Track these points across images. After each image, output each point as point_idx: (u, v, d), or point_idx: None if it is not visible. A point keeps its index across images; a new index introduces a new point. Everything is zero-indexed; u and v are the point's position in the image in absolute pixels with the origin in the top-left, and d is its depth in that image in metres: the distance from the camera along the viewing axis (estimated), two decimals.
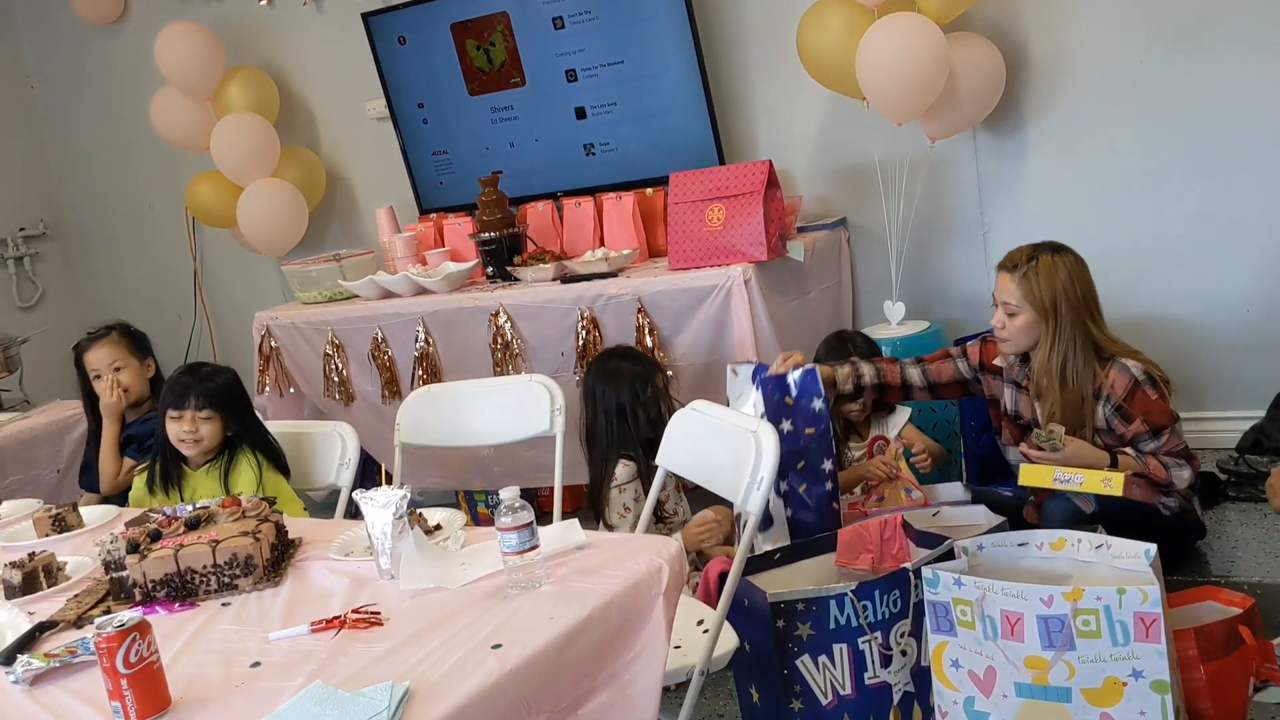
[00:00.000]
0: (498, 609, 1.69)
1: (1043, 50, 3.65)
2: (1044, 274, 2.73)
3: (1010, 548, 2.27)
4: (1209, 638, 2.20)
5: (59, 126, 5.82)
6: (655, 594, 1.73)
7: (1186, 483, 2.75)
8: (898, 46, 3.37)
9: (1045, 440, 2.66)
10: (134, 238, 5.76)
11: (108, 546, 1.99)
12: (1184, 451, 2.77)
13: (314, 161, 4.97)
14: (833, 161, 4.03)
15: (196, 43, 4.67)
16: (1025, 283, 2.75)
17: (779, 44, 3.90)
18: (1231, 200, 3.48)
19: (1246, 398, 3.45)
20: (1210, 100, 3.45)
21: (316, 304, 4.23)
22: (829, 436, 2.78)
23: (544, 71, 4.24)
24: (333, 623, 1.73)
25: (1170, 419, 2.73)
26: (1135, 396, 2.71)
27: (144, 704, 1.51)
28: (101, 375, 3.22)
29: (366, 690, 1.47)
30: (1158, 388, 2.72)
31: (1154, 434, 2.72)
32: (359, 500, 1.94)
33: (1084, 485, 2.58)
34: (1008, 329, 2.80)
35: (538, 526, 1.78)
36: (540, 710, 1.54)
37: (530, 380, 2.80)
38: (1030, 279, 2.74)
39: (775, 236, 3.48)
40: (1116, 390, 2.72)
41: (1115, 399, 2.72)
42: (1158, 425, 2.71)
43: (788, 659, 2.26)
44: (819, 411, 2.77)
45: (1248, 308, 3.50)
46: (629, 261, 3.79)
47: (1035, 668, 2.06)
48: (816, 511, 2.77)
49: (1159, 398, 2.71)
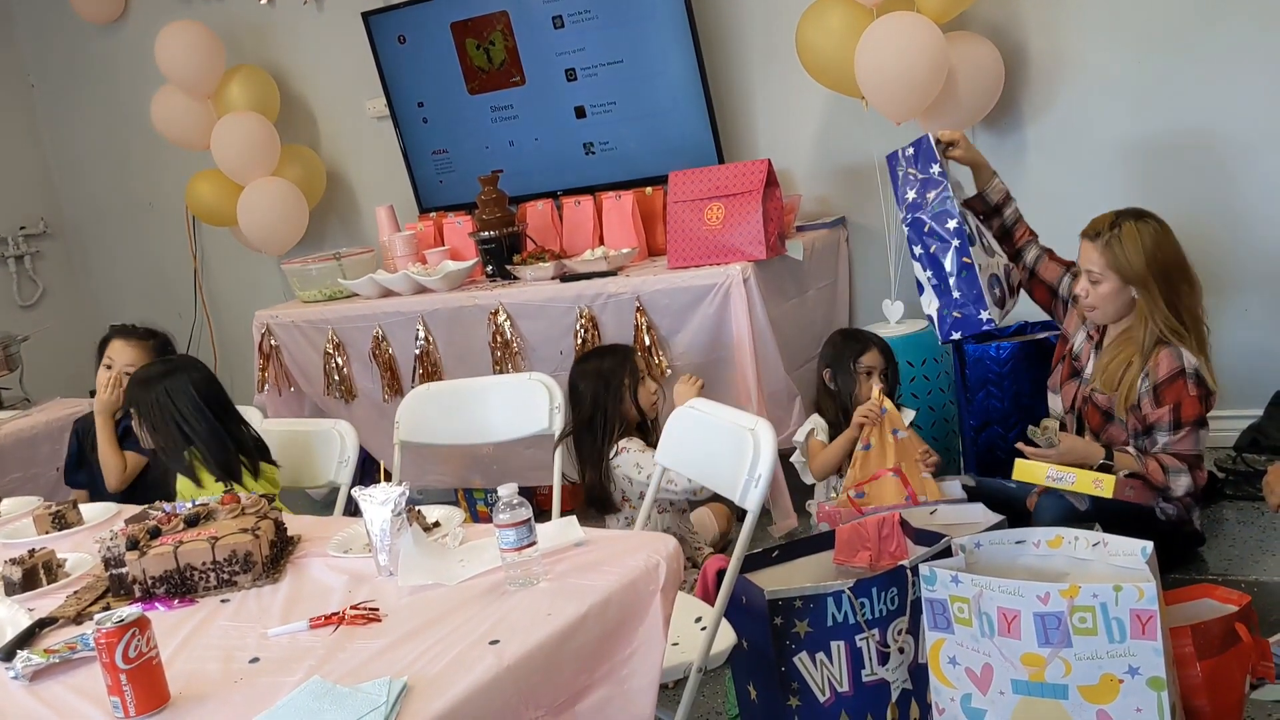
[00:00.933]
0: (496, 605, 1.70)
1: (1041, 50, 3.66)
2: (1128, 240, 2.68)
3: (1007, 545, 2.27)
4: (1205, 635, 2.20)
5: (59, 125, 5.83)
6: (653, 591, 1.73)
7: (1184, 489, 2.71)
8: (897, 46, 3.37)
9: (1040, 436, 2.66)
10: (134, 236, 5.77)
11: (107, 543, 1.99)
12: (1193, 457, 2.72)
13: (314, 160, 4.98)
14: (832, 160, 4.04)
15: (197, 41, 4.68)
16: (1109, 250, 2.70)
17: (778, 43, 3.90)
18: (1228, 199, 3.49)
19: (1245, 396, 3.45)
20: (1207, 100, 3.46)
21: (316, 302, 4.24)
22: (948, 197, 2.95)
23: (544, 70, 4.25)
24: (331, 619, 1.73)
25: (1195, 418, 2.69)
26: (1175, 384, 2.67)
27: (143, 699, 1.52)
28: (113, 368, 3.15)
29: (365, 685, 1.48)
30: (1201, 386, 2.68)
31: (1174, 426, 2.69)
32: (357, 497, 1.95)
33: (1075, 485, 2.58)
34: (1092, 296, 2.77)
35: (536, 523, 1.79)
36: (537, 706, 1.55)
37: (529, 378, 2.81)
38: (1114, 247, 2.69)
39: (774, 235, 3.49)
40: (1160, 370, 2.68)
41: (1155, 379, 2.69)
42: (1181, 419, 2.68)
43: (785, 656, 2.26)
44: (936, 176, 2.99)
45: (1245, 307, 3.51)
46: (628, 260, 3.80)
47: (1032, 665, 2.07)
48: (957, 276, 2.93)
49: (1197, 395, 2.67)
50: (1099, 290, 2.75)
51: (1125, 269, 2.70)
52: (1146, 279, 2.69)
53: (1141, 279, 2.70)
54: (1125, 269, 2.70)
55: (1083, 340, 2.91)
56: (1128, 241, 2.69)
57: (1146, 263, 2.68)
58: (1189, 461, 2.72)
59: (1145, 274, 2.69)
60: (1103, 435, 2.82)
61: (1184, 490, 2.71)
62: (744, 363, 3.41)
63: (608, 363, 3.17)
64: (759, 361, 3.39)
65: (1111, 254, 2.70)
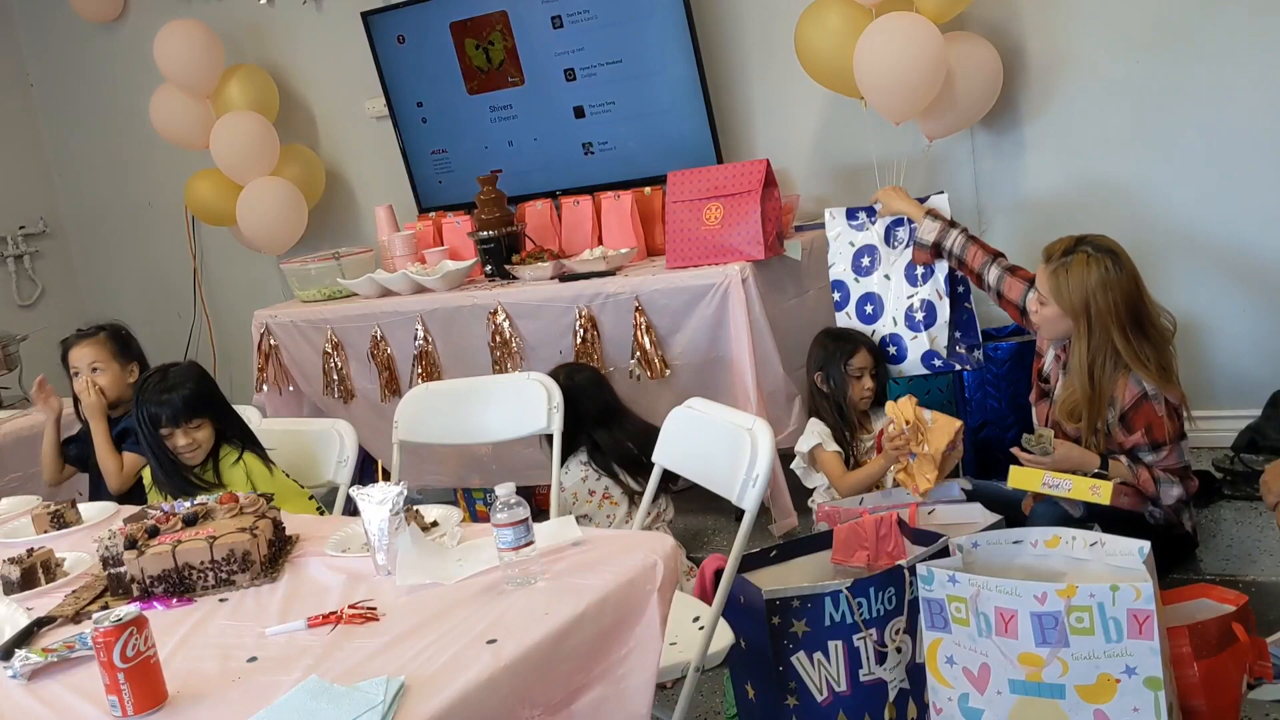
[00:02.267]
0: (493, 604, 1.70)
1: (1040, 50, 3.66)
2: (1074, 273, 2.66)
3: (1005, 545, 2.28)
4: (1202, 635, 2.21)
5: (58, 124, 5.83)
6: (650, 590, 1.73)
7: (1174, 499, 2.71)
8: (895, 46, 3.37)
9: (1035, 445, 2.66)
10: (133, 236, 5.77)
11: (106, 543, 2.00)
12: (1182, 470, 2.72)
13: (313, 160, 4.98)
14: (830, 161, 4.04)
15: (196, 41, 4.68)
16: (1054, 278, 2.68)
17: (777, 43, 3.91)
18: (1226, 199, 3.49)
19: (1243, 397, 3.46)
20: (1205, 99, 3.46)
21: (315, 302, 4.24)
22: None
23: (543, 70, 4.25)
24: (329, 618, 1.74)
25: (1171, 437, 2.68)
26: (1140, 409, 2.66)
27: (141, 698, 1.52)
28: (80, 373, 3.17)
29: (362, 684, 1.48)
30: (1168, 405, 2.66)
31: (1153, 448, 2.69)
32: (355, 497, 1.95)
33: (1072, 492, 2.57)
34: (1039, 315, 2.78)
35: (534, 523, 1.79)
36: (534, 705, 1.55)
37: (528, 378, 2.81)
38: (1059, 276, 2.68)
39: (773, 235, 3.49)
40: (1125, 399, 2.67)
41: (1121, 407, 2.68)
42: (1157, 440, 2.68)
43: (783, 655, 2.27)
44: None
45: (1242, 307, 3.51)
46: (627, 260, 3.80)
47: (1029, 664, 2.07)
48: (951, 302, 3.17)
49: (1165, 415, 2.66)
50: (1044, 311, 2.76)
51: (1064, 300, 2.69)
52: (1079, 315, 2.67)
53: (1074, 313, 2.68)
54: (1064, 300, 2.69)
55: (1051, 360, 2.91)
56: (1074, 274, 2.66)
57: (1084, 300, 2.65)
58: (1179, 474, 2.72)
59: (1078, 310, 2.67)
60: None
61: (1175, 499, 2.71)
62: (742, 363, 3.41)
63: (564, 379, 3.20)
64: (757, 361, 3.39)
65: (1055, 281, 2.69)
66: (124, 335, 3.27)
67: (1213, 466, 3.32)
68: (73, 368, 3.20)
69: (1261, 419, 3.34)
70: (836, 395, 3.20)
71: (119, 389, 3.19)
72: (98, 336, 3.22)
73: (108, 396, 3.17)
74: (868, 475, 3.06)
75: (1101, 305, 2.64)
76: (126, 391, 3.18)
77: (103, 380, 3.16)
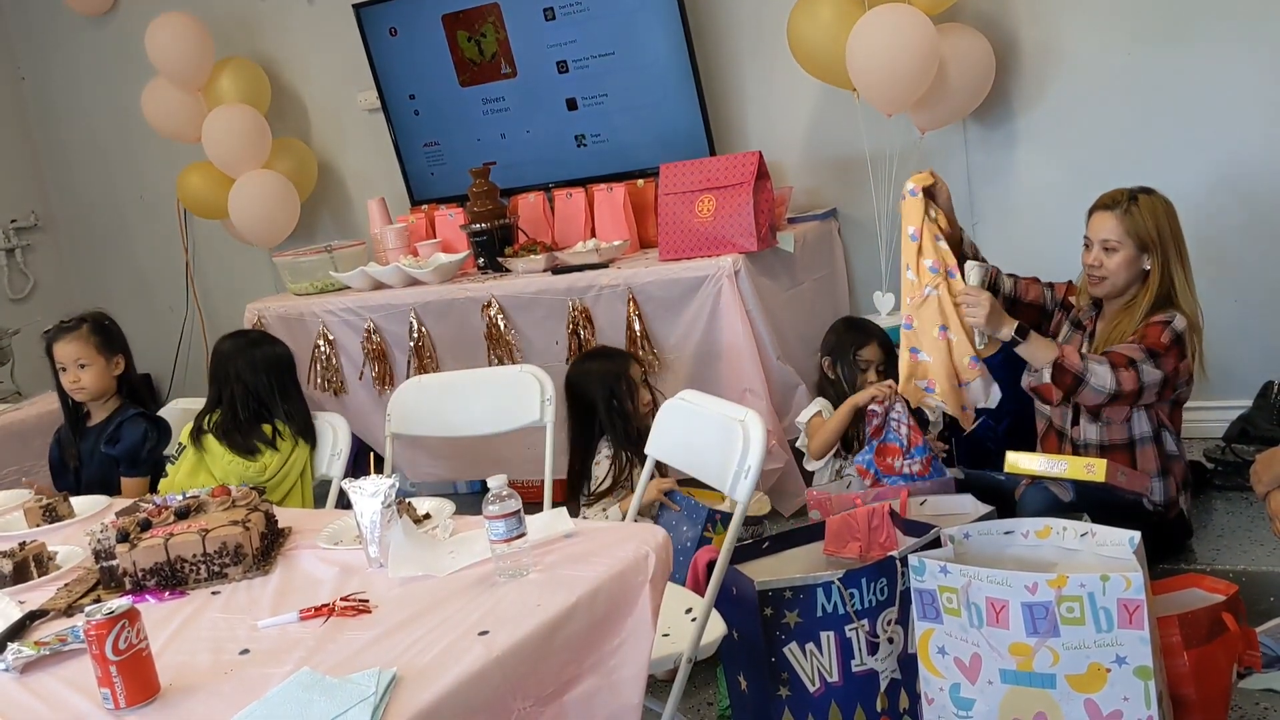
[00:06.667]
0: (485, 596, 1.70)
1: (1032, 42, 3.66)
2: (1144, 209, 2.77)
3: (996, 536, 2.29)
4: (1193, 624, 2.22)
5: (50, 118, 5.81)
6: (641, 581, 1.74)
7: (1103, 386, 2.63)
8: (888, 38, 3.37)
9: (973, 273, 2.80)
10: (125, 229, 5.76)
11: (98, 536, 2.00)
12: (1127, 364, 2.65)
13: (305, 153, 4.97)
14: (823, 153, 4.04)
15: (187, 33, 4.67)
16: (1128, 217, 2.77)
17: (770, 35, 3.90)
18: (1219, 191, 3.49)
19: (1234, 387, 3.46)
20: (1197, 91, 3.47)
21: (308, 295, 4.23)
22: None
23: (535, 63, 4.24)
24: (321, 610, 1.74)
25: (1154, 347, 2.67)
26: (1153, 327, 2.72)
27: (133, 690, 1.52)
28: (67, 370, 3.14)
29: (354, 676, 1.48)
30: (1179, 344, 2.70)
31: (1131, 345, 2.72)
32: (347, 489, 1.95)
33: (1068, 472, 2.59)
34: (1105, 266, 2.81)
35: (525, 515, 1.79)
36: (526, 696, 1.55)
37: (521, 370, 2.81)
38: (1133, 213, 2.77)
39: (765, 227, 3.49)
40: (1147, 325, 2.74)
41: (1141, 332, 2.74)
42: (1140, 343, 2.69)
43: (775, 647, 2.28)
44: None
45: (1235, 298, 3.52)
46: (620, 252, 3.80)
47: (1020, 654, 2.08)
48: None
49: (1169, 341, 2.69)
50: (1114, 259, 2.80)
51: (1144, 234, 2.76)
52: (1154, 246, 2.77)
53: (1152, 243, 2.77)
54: (1144, 234, 2.76)
55: (1068, 333, 2.93)
56: (1145, 210, 2.78)
57: (1158, 229, 2.77)
58: (1119, 366, 2.65)
59: (1154, 241, 2.77)
60: (1103, 413, 2.81)
61: (1102, 385, 2.63)
62: (735, 354, 3.41)
63: (609, 365, 3.17)
64: (750, 353, 3.39)
65: (1131, 220, 2.77)
66: (106, 326, 3.22)
67: (1204, 457, 3.33)
68: (59, 364, 3.17)
69: (1252, 409, 3.35)
70: (843, 383, 3.20)
71: (105, 383, 3.17)
72: (80, 330, 3.16)
73: (93, 391, 3.15)
74: (835, 423, 3.07)
75: (1170, 233, 2.78)
76: (112, 385, 3.17)
77: (87, 377, 3.13)
